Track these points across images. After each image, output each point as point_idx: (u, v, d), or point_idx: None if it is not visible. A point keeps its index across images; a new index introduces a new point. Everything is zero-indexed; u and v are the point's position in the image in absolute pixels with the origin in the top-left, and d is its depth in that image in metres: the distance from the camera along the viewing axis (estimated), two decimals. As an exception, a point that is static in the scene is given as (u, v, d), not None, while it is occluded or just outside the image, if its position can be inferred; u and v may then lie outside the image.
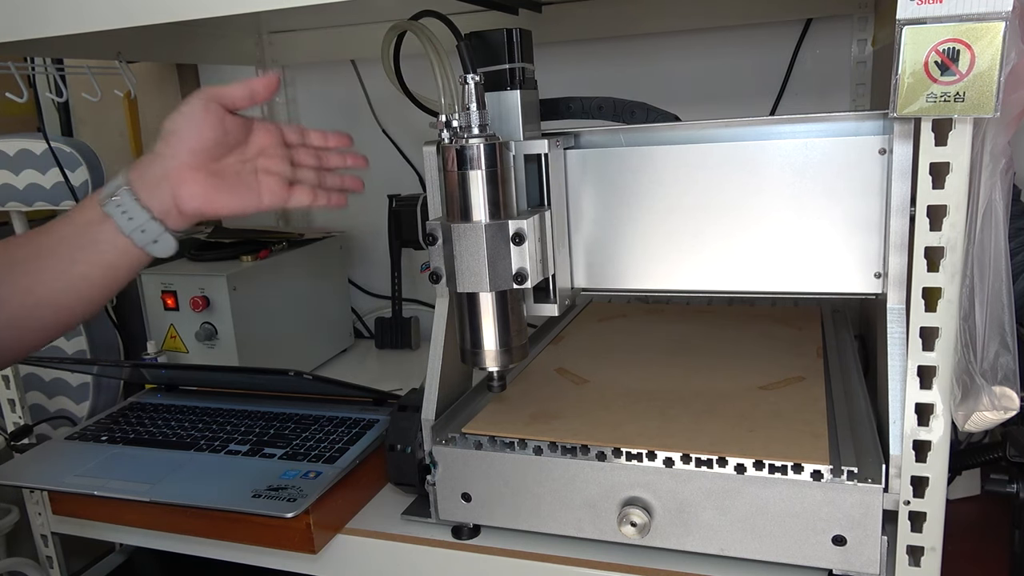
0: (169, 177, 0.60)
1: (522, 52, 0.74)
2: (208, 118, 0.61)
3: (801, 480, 0.64)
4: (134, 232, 0.59)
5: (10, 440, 1.00)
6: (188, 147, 0.60)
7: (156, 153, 0.61)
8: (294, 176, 0.66)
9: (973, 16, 0.53)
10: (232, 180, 0.63)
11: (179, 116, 0.61)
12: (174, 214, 0.61)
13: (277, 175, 0.65)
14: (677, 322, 1.04)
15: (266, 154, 0.65)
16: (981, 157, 0.58)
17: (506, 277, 0.68)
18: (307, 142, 0.69)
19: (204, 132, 0.61)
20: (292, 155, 0.67)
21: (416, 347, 1.36)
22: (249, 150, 0.65)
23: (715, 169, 0.74)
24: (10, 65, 1.13)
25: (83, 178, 1.25)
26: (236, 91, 0.62)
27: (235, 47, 1.34)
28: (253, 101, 0.63)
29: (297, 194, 0.66)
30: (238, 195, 0.63)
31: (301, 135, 0.68)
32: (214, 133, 0.61)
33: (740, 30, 1.17)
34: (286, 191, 0.65)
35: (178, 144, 0.60)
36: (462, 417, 0.79)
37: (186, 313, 1.11)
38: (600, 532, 0.71)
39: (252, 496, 0.77)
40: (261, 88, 0.63)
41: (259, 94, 0.63)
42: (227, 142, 0.62)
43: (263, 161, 0.65)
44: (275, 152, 0.66)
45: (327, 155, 0.70)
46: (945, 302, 0.59)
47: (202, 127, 0.61)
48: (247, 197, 0.63)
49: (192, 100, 0.61)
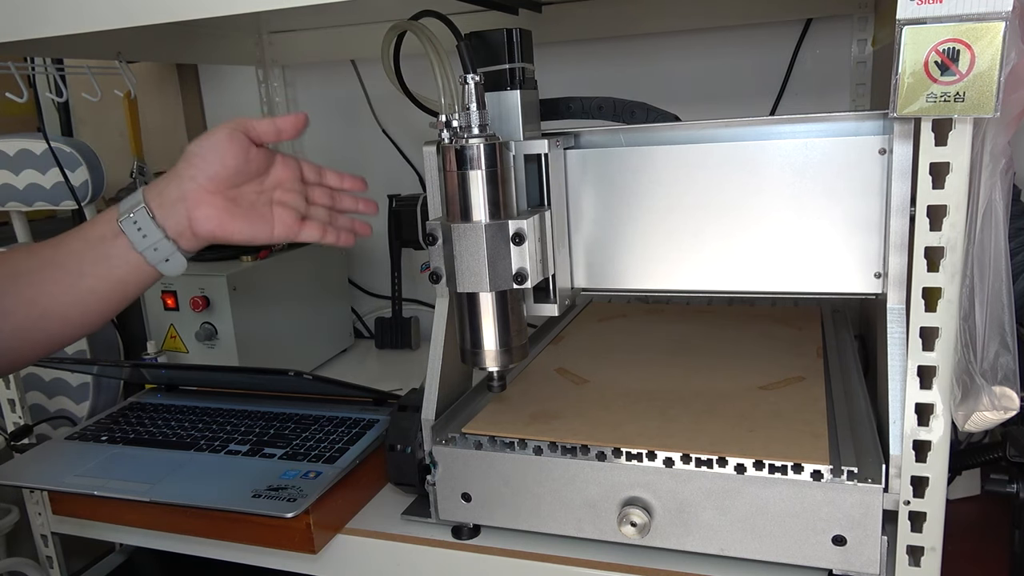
0: (186, 199, 0.61)
1: (522, 52, 0.74)
2: (232, 147, 0.62)
3: (801, 480, 0.64)
4: (147, 250, 0.60)
5: (10, 440, 1.00)
6: (209, 172, 0.62)
7: (176, 174, 0.62)
8: (307, 212, 0.68)
9: (973, 16, 0.53)
10: (247, 208, 0.64)
11: (204, 140, 0.62)
12: (187, 235, 0.62)
13: (292, 209, 0.67)
14: (677, 322, 1.04)
15: (283, 188, 0.67)
16: (981, 157, 0.58)
17: (506, 277, 0.68)
18: (323, 181, 0.71)
19: (227, 159, 0.62)
20: (308, 192, 0.69)
21: (416, 347, 1.36)
22: (268, 182, 0.66)
23: (715, 169, 0.74)
24: (10, 65, 1.13)
25: (83, 178, 1.25)
26: (263, 125, 0.64)
27: (235, 47, 1.34)
28: (279, 137, 0.65)
29: (308, 229, 0.68)
30: (251, 223, 0.64)
31: (318, 174, 0.70)
32: (236, 162, 0.62)
33: (740, 30, 1.17)
34: (298, 225, 0.67)
35: (200, 167, 0.62)
36: (462, 417, 0.79)
37: (186, 313, 1.11)
38: (600, 532, 0.71)
39: (252, 496, 0.77)
40: (288, 127, 0.65)
41: (285, 132, 0.65)
42: (248, 172, 0.64)
43: (279, 194, 0.67)
44: (292, 187, 0.67)
45: (341, 197, 0.72)
46: (945, 302, 0.59)
47: (225, 154, 0.62)
48: (260, 226, 0.65)
49: (220, 127, 0.63)
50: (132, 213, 0.60)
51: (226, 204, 0.62)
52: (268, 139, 0.65)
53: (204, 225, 0.62)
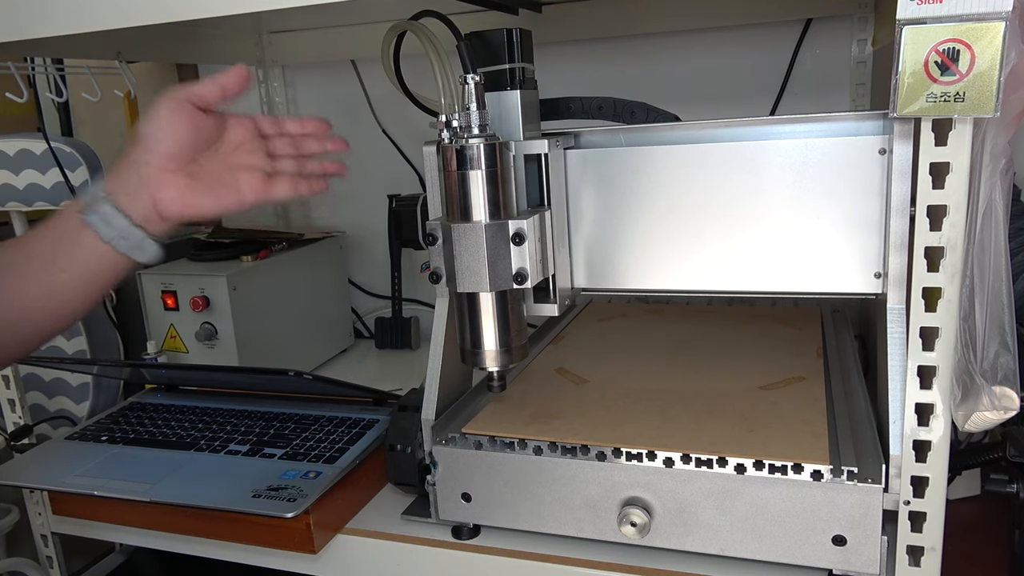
0: (147, 182, 0.59)
1: (522, 52, 0.74)
2: (180, 120, 0.60)
3: (801, 480, 0.64)
4: (115, 239, 0.59)
5: (10, 440, 1.00)
6: (163, 150, 0.60)
7: (132, 159, 0.60)
8: (273, 168, 0.65)
9: (973, 16, 0.53)
10: (210, 180, 0.62)
11: (151, 120, 0.60)
12: (155, 219, 0.60)
13: (255, 169, 0.64)
14: (677, 322, 1.04)
15: (242, 149, 0.64)
16: (981, 157, 0.58)
17: (506, 277, 0.68)
18: (283, 131, 0.67)
19: (177, 134, 0.60)
20: (269, 146, 0.66)
21: (416, 347, 1.36)
22: (225, 146, 0.64)
23: (715, 169, 0.74)
24: (10, 65, 1.13)
25: (83, 178, 1.25)
26: (207, 89, 0.61)
27: (235, 47, 1.34)
28: (225, 97, 0.62)
29: (277, 186, 0.64)
30: (217, 195, 0.62)
31: (276, 125, 0.67)
32: (187, 134, 0.60)
33: (740, 30, 1.17)
34: (266, 184, 0.64)
35: (153, 148, 0.60)
36: (462, 417, 0.79)
37: (186, 313, 1.11)
38: (600, 532, 0.71)
39: (252, 496, 0.77)
40: (231, 83, 0.61)
41: (230, 89, 0.61)
42: (201, 141, 0.61)
43: (240, 156, 0.64)
44: (251, 146, 0.65)
45: (305, 142, 0.68)
46: (945, 302, 0.59)
47: (176, 129, 0.60)
48: (227, 196, 0.62)
49: (162, 102, 0.60)
50: (94, 204, 0.58)
51: (188, 181, 0.60)
52: (214, 102, 0.62)
53: (170, 207, 0.60)
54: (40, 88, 1.40)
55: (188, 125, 0.60)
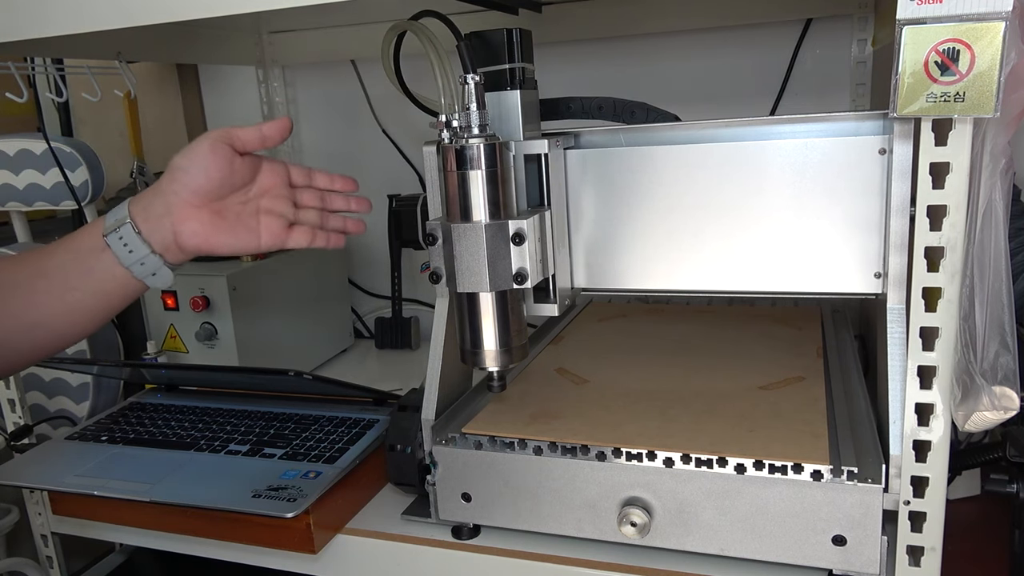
0: (172, 214, 0.60)
1: (522, 52, 0.74)
2: (216, 159, 0.61)
3: (801, 480, 0.64)
4: (133, 265, 0.60)
5: (10, 440, 1.00)
6: (194, 186, 0.61)
7: (161, 189, 0.61)
8: (295, 217, 0.67)
9: (973, 16, 0.53)
10: (233, 220, 0.63)
11: (187, 154, 0.61)
12: (173, 249, 0.61)
13: (279, 216, 0.65)
14: (677, 322, 1.04)
15: (270, 195, 0.66)
16: (981, 157, 0.58)
17: (506, 277, 0.68)
18: (313, 184, 0.69)
19: (211, 172, 0.61)
20: (296, 196, 0.68)
21: (416, 347, 1.36)
22: (254, 190, 0.65)
23: (715, 169, 0.74)
24: (10, 65, 1.13)
25: (83, 178, 1.25)
26: (247, 134, 0.63)
27: (235, 47, 1.34)
28: (264, 145, 0.64)
29: (296, 235, 0.66)
30: (237, 235, 0.63)
31: (307, 177, 0.69)
32: (221, 174, 0.61)
33: (740, 30, 1.17)
34: (286, 233, 0.66)
35: (184, 182, 0.61)
36: (462, 417, 0.79)
37: (186, 313, 1.11)
38: (600, 532, 0.71)
39: (252, 496, 0.77)
40: (273, 133, 0.63)
41: (270, 139, 0.63)
42: (233, 182, 0.63)
43: (267, 202, 0.65)
44: (279, 192, 0.66)
45: (332, 197, 0.70)
46: (945, 302, 0.59)
47: (209, 167, 0.61)
48: (246, 238, 0.64)
49: (202, 139, 0.61)
50: (118, 229, 0.59)
51: (211, 218, 0.62)
52: (253, 147, 0.63)
53: (190, 240, 0.61)
54: (40, 88, 1.40)
55: (223, 165, 0.61)
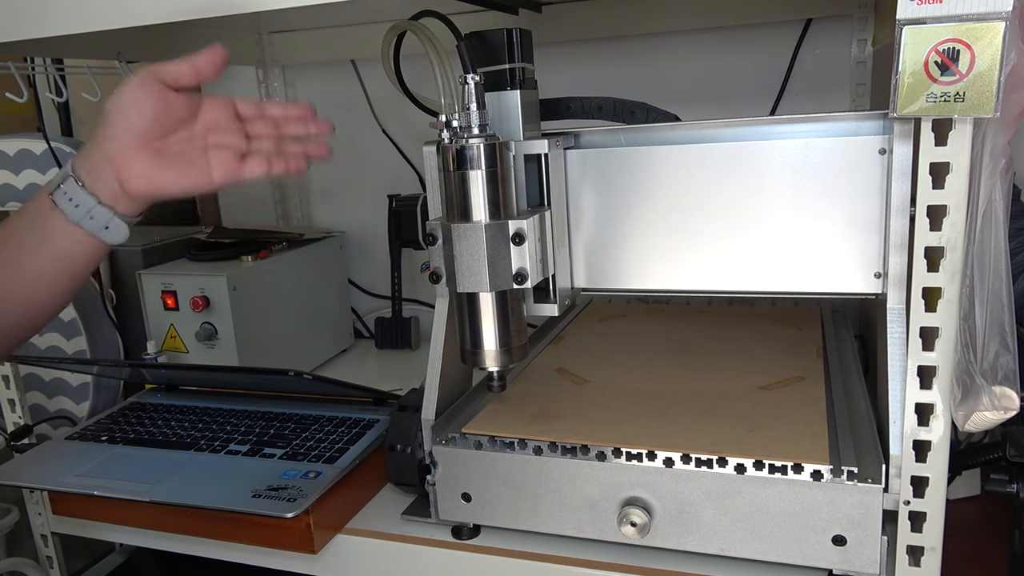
0: (112, 160, 0.58)
1: (522, 52, 0.74)
2: (147, 96, 0.59)
3: (801, 480, 0.64)
4: (83, 219, 0.58)
5: (10, 440, 1.00)
6: (129, 127, 0.59)
7: (98, 136, 0.59)
8: (248, 148, 0.64)
9: (973, 16, 0.53)
10: (178, 158, 0.60)
11: (118, 97, 0.59)
12: (122, 198, 0.59)
13: (228, 148, 0.62)
14: (677, 322, 1.04)
15: (216, 129, 0.63)
16: (981, 157, 0.58)
17: (506, 277, 0.68)
18: (264, 114, 0.66)
19: (144, 111, 0.59)
20: (248, 128, 0.65)
21: (416, 347, 1.36)
22: (198, 127, 0.62)
23: (715, 169, 0.74)
24: (10, 65, 1.13)
25: (83, 178, 1.25)
26: (178, 67, 0.60)
27: (235, 47, 1.34)
28: (199, 78, 0.60)
29: (250, 166, 0.63)
30: (186, 173, 0.61)
31: (257, 108, 0.66)
32: (155, 110, 0.59)
33: (740, 30, 1.17)
34: (239, 164, 0.62)
35: (119, 125, 0.59)
36: (462, 417, 0.79)
37: (186, 313, 1.11)
38: (600, 532, 0.71)
39: (252, 496, 0.77)
40: (205, 63, 0.60)
41: (204, 70, 0.60)
42: (170, 120, 0.60)
43: (213, 136, 0.62)
44: (226, 126, 0.63)
45: (287, 123, 0.67)
46: (945, 302, 0.59)
47: (142, 106, 0.59)
48: (196, 174, 0.61)
49: (130, 79, 0.59)
50: (62, 184, 0.58)
51: (154, 157, 0.59)
52: (187, 81, 0.60)
53: (136, 184, 0.59)
54: (40, 88, 1.40)
55: (156, 101, 0.59)
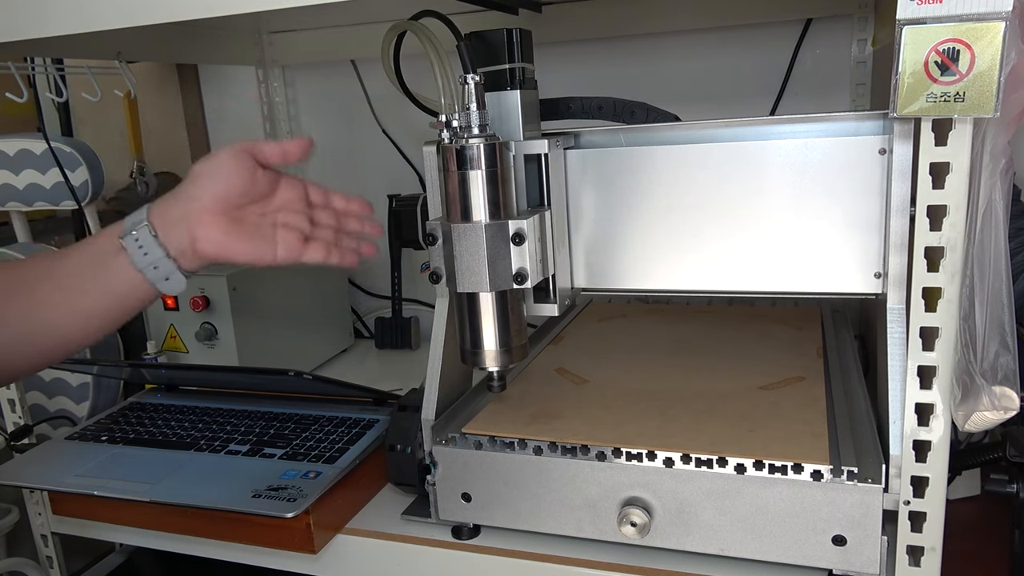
0: (189, 218, 0.61)
1: (522, 52, 0.74)
2: (238, 167, 0.62)
3: (801, 480, 0.64)
4: (147, 268, 0.60)
5: (10, 440, 1.00)
6: (214, 192, 0.61)
7: (181, 193, 0.62)
8: (311, 234, 0.67)
9: (973, 16, 0.53)
10: (251, 230, 0.63)
11: (210, 160, 0.62)
12: (189, 255, 0.61)
13: (296, 230, 0.66)
14: (677, 322, 1.04)
15: (288, 209, 0.66)
16: (981, 157, 0.58)
17: (506, 277, 0.68)
18: (329, 204, 0.70)
19: (232, 180, 0.61)
20: (313, 214, 0.68)
21: (416, 347, 1.36)
22: (272, 204, 0.65)
23: (715, 169, 0.74)
24: (10, 65, 1.13)
25: (83, 178, 1.25)
26: (270, 148, 0.63)
27: (235, 47, 1.34)
28: (285, 161, 0.64)
29: (312, 250, 0.67)
30: (254, 245, 0.63)
31: (325, 196, 0.70)
32: (242, 182, 0.62)
33: (740, 30, 1.17)
34: (302, 246, 0.66)
35: (204, 187, 0.61)
36: (462, 417, 0.79)
37: (186, 313, 1.11)
38: (600, 532, 0.71)
39: (252, 496, 0.77)
40: (294, 150, 0.64)
41: (291, 155, 0.64)
42: (253, 193, 0.63)
43: (284, 216, 0.66)
44: (297, 207, 0.67)
45: (346, 218, 0.71)
46: (945, 302, 0.59)
47: (231, 174, 0.61)
48: (263, 248, 0.64)
49: (225, 148, 0.62)
50: (135, 231, 0.60)
51: (229, 225, 0.62)
52: (274, 161, 0.64)
53: (206, 246, 0.61)
54: (40, 88, 1.40)
55: (244, 174, 0.62)
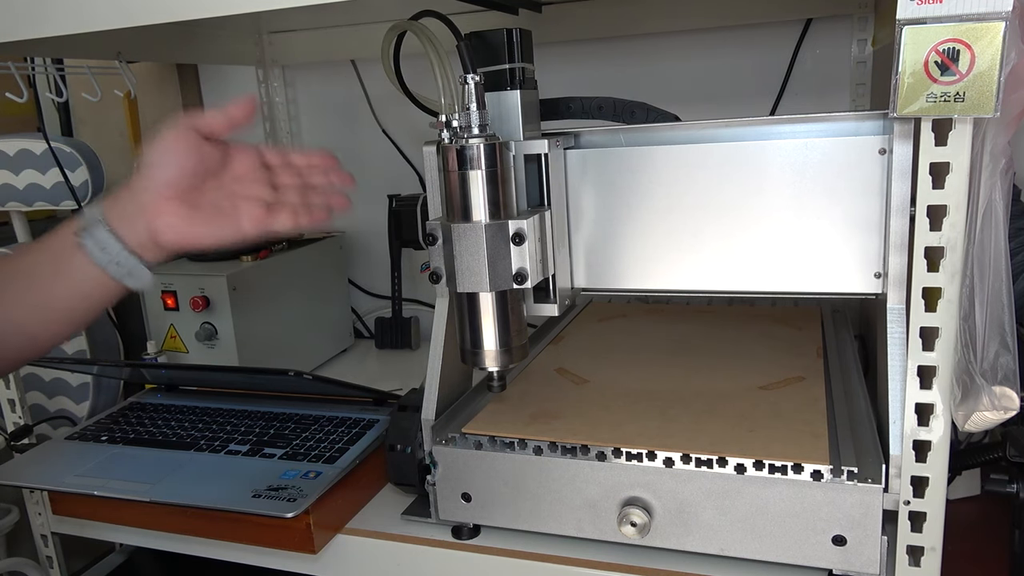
0: (145, 210, 0.59)
1: (522, 52, 0.74)
2: (183, 147, 0.59)
3: (801, 480, 0.64)
4: (108, 264, 0.58)
5: (10, 440, 1.00)
6: (163, 178, 0.59)
7: (133, 187, 0.60)
8: (276, 199, 0.64)
9: (973, 16, 0.53)
10: (210, 210, 0.61)
11: (155, 148, 0.60)
12: (151, 248, 0.59)
13: (257, 199, 0.63)
14: (677, 322, 1.04)
15: (245, 179, 0.63)
16: (981, 157, 0.58)
17: (506, 277, 0.68)
18: (288, 162, 0.67)
19: (180, 161, 0.59)
20: (273, 177, 0.65)
21: (416, 347, 1.36)
22: (227, 175, 0.63)
23: (715, 169, 0.74)
24: (10, 65, 1.13)
25: (83, 178, 1.25)
26: (212, 118, 0.61)
27: (235, 47, 1.34)
28: (232, 126, 0.61)
29: (278, 217, 0.63)
30: (216, 225, 0.61)
31: (281, 156, 0.66)
32: (190, 162, 0.59)
33: (740, 30, 1.17)
34: (267, 216, 0.63)
35: (154, 176, 0.59)
36: (462, 417, 0.79)
37: (186, 313, 1.11)
38: (600, 532, 0.71)
39: (252, 496, 0.77)
40: (238, 113, 0.61)
41: (237, 119, 0.61)
42: (204, 170, 0.61)
43: (242, 187, 0.63)
44: (254, 176, 0.64)
45: (310, 173, 0.67)
46: (945, 302, 0.59)
47: (178, 156, 0.59)
48: (226, 226, 0.61)
49: (166, 130, 0.60)
50: (91, 227, 0.58)
51: (186, 210, 0.60)
52: (220, 131, 0.61)
53: (167, 235, 0.59)
54: (40, 88, 1.40)
55: (191, 153, 0.60)
